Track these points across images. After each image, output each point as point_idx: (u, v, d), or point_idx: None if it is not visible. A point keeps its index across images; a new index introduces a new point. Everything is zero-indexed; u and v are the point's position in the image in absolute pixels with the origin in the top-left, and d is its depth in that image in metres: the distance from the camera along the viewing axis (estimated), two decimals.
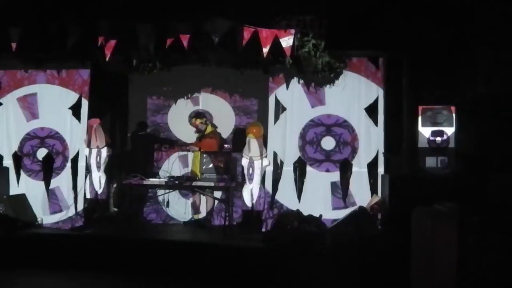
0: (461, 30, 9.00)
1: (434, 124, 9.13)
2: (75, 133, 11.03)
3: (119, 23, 9.44)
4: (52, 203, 10.98)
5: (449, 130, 9.11)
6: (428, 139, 9.11)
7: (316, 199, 10.21)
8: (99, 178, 10.52)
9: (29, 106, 11.20)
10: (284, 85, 10.41)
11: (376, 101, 10.17)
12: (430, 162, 9.08)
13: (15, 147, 11.27)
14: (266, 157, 10.13)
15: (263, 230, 9.83)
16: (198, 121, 10.93)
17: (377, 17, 9.17)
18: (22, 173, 11.23)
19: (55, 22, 9.62)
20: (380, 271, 7.86)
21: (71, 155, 11.05)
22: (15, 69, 11.10)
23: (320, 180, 10.36)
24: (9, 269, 8.70)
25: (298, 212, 9.69)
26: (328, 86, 10.00)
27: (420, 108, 9.20)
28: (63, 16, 9.58)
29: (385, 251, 8.15)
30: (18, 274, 8.59)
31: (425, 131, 9.14)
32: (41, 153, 11.21)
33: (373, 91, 10.19)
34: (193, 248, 9.02)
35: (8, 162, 11.26)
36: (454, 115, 9.10)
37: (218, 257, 8.67)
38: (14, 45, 9.64)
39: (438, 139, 9.08)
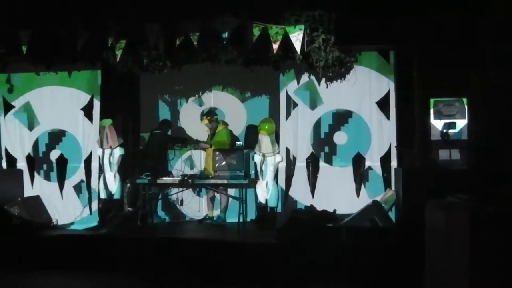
0: (471, 20, 8.94)
1: (446, 116, 9.06)
2: (88, 134, 11.08)
3: (129, 23, 9.46)
4: (66, 203, 11.05)
5: (462, 122, 9.04)
6: (441, 131, 9.05)
7: (330, 194, 10.20)
8: (112, 178, 10.56)
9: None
10: (295, 81, 10.40)
11: (387, 94, 10.16)
12: (443, 154, 9.01)
13: (28, 150, 11.32)
14: (278, 153, 10.14)
15: (277, 226, 9.82)
16: (209, 119, 10.92)
17: (386, 9, 9.12)
18: (36, 175, 11.29)
19: (65, 24, 9.65)
20: (393, 265, 7.84)
21: (84, 156, 11.11)
22: (26, 71, 11.14)
23: (333, 175, 10.35)
24: (25, 270, 8.72)
25: (312, 208, 9.69)
26: (339, 80, 9.97)
27: (431, 100, 9.15)
28: (73, 18, 9.60)
29: (398, 244, 8.14)
30: (34, 275, 8.62)
31: (437, 124, 9.08)
32: (54, 154, 11.27)
33: (384, 85, 10.18)
34: (208, 245, 9.01)
35: (22, 165, 11.32)
36: (466, 106, 9.03)
37: (233, 254, 8.67)
38: (25, 47, 9.68)
39: (451, 131, 9.01)
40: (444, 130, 9.01)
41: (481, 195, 6.39)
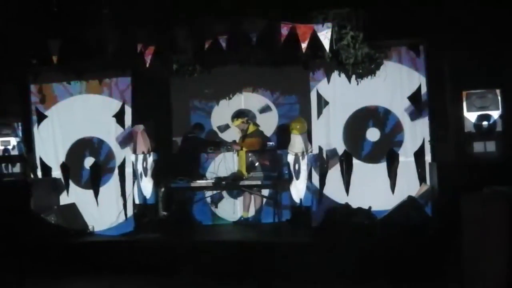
0: (498, 11, 8.85)
1: (480, 108, 8.96)
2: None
3: (157, 29, 9.51)
4: (101, 210, 11.14)
5: (496, 113, 8.94)
6: (474, 124, 8.97)
7: (365, 192, 10.15)
8: (146, 183, 10.62)
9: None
10: (325, 79, 10.38)
11: (419, 89, 10.08)
12: (478, 147, 8.93)
13: (62, 158, 11.43)
14: (311, 152, 10.12)
15: (313, 225, 9.79)
16: (240, 121, 10.93)
17: (414, 3, 9.07)
18: (71, 183, 11.39)
19: (93, 32, 9.73)
20: (431, 260, 7.79)
21: (117, 163, 11.19)
22: (57, 81, 11.25)
23: (367, 172, 10.31)
24: (63, 276, 8.80)
25: (347, 206, 9.66)
26: (369, 77, 9.92)
27: (464, 93, 9.06)
28: (101, 26, 9.67)
29: (435, 239, 8.08)
30: (72, 280, 8.70)
31: (470, 116, 8.99)
32: (88, 162, 11.37)
33: (415, 79, 10.10)
34: (244, 247, 9.02)
35: (56, 173, 11.43)
36: (499, 97, 8.94)
37: (269, 255, 8.67)
38: (55, 57, 9.78)
39: (485, 123, 8.92)
40: (478, 123, 8.93)
41: None
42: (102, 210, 11.19)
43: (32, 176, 11.06)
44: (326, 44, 9.00)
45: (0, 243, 9.04)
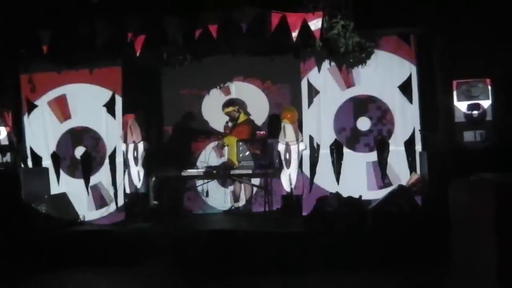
0: (489, 0, 8.87)
1: (470, 97, 8.99)
2: (111, 130, 11.16)
3: (147, 18, 9.48)
4: (92, 200, 11.14)
5: (486, 103, 8.97)
6: (465, 113, 8.99)
7: (355, 181, 10.19)
8: (137, 173, 10.62)
9: (62, 107, 11.36)
10: (316, 69, 10.38)
11: (409, 78, 10.11)
12: (468, 136, 8.95)
13: (53, 148, 11.41)
14: (302, 141, 10.13)
15: (304, 214, 9.81)
16: (231, 108, 10.91)
17: None
18: (61, 172, 11.38)
19: (83, 21, 9.70)
20: (420, 248, 7.83)
21: (108, 152, 11.19)
22: (47, 71, 11.22)
23: (357, 161, 10.34)
24: (54, 266, 8.77)
25: (337, 195, 9.67)
26: (360, 66, 9.92)
27: (454, 82, 9.08)
28: (91, 15, 9.64)
29: (425, 228, 8.10)
30: (63, 271, 8.67)
31: (461, 105, 9.02)
32: (79, 151, 11.36)
33: (405, 69, 10.14)
34: (235, 236, 9.02)
35: (47, 163, 11.41)
36: (489, 87, 8.97)
37: (260, 244, 8.67)
38: (45, 47, 9.75)
39: (475, 112, 8.94)
40: (468, 112, 8.95)
41: (506, 175, 6.32)
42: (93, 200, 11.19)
43: (22, 165, 11.02)
44: (317, 33, 8.99)
45: None
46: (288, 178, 10.01)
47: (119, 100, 11.19)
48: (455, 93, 9.03)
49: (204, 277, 8.11)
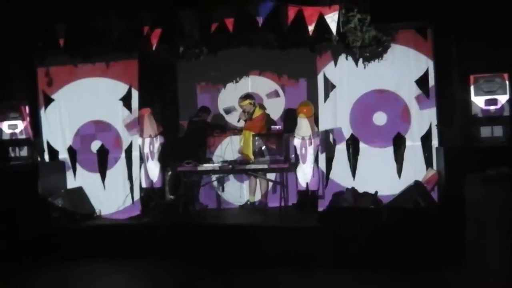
0: None
1: (487, 92, 8.90)
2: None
3: (163, 12, 9.48)
4: (108, 194, 11.16)
5: (503, 98, 8.87)
6: (482, 108, 8.91)
7: (371, 176, 10.14)
8: (153, 167, 10.63)
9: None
10: (332, 62, 10.34)
11: (426, 73, 10.03)
12: (485, 131, 8.86)
13: (69, 142, 11.44)
14: (318, 136, 10.10)
15: (319, 209, 9.77)
16: (247, 101, 10.86)
17: None
18: (78, 166, 11.41)
19: (100, 15, 9.71)
20: (436, 243, 7.79)
21: (124, 146, 11.21)
22: (64, 65, 11.25)
23: (374, 156, 10.29)
24: (70, 259, 8.85)
25: (353, 190, 9.64)
26: (376, 60, 9.87)
27: (471, 77, 8.99)
28: (108, 9, 9.65)
29: (441, 223, 8.05)
30: (78, 264, 8.75)
31: (478, 101, 8.93)
32: (95, 145, 11.38)
33: (422, 63, 10.06)
34: (250, 231, 9.01)
35: (63, 157, 11.44)
36: (507, 82, 8.87)
37: (276, 239, 8.66)
38: (61, 40, 9.78)
39: (492, 107, 8.86)
40: (485, 107, 8.87)
41: None
42: (109, 194, 11.21)
43: (39, 159, 11.05)
44: (333, 27, 8.95)
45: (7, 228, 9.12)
46: (304, 173, 9.97)
47: (135, 94, 11.16)
48: (472, 88, 8.95)
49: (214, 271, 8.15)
